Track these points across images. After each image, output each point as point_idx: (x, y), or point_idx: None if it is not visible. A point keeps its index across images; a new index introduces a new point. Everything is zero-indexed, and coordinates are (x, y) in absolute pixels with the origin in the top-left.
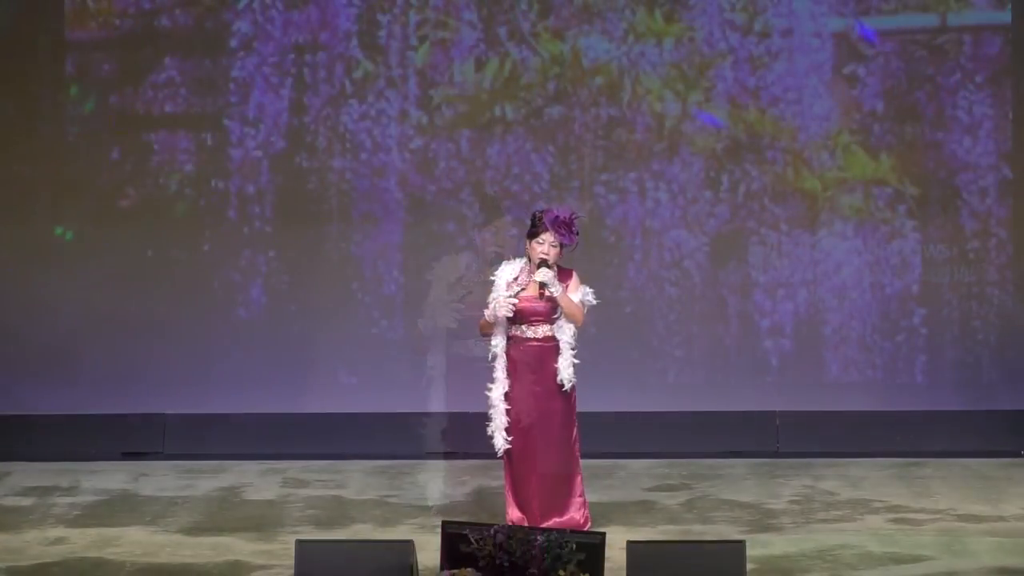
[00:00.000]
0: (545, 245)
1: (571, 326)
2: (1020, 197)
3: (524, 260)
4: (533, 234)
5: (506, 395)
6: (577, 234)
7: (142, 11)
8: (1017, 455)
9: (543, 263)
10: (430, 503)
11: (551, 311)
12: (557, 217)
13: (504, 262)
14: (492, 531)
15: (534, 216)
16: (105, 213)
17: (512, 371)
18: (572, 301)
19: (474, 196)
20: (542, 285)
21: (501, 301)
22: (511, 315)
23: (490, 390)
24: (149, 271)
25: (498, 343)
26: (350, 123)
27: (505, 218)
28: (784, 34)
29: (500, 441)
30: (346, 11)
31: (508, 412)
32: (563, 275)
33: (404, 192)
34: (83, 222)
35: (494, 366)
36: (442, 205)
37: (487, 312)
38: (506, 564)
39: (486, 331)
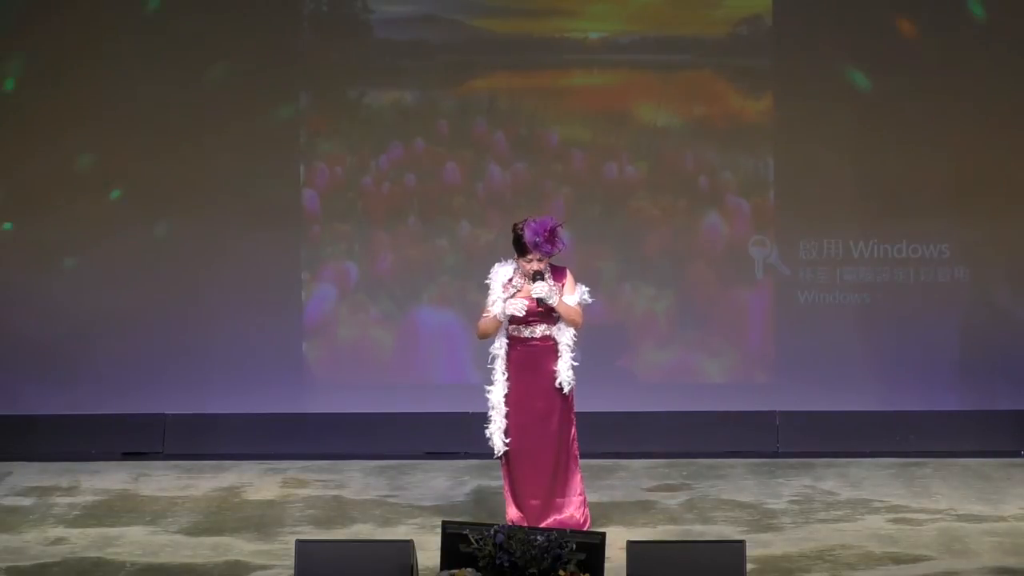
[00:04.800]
0: (533, 263)
1: (571, 328)
2: (1018, 197)
3: (516, 261)
4: (520, 252)
5: (505, 396)
6: (562, 240)
7: None
8: (1017, 455)
9: (537, 275)
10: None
11: (549, 310)
12: (536, 238)
13: (497, 264)
14: (492, 531)
15: (516, 235)
16: (106, 213)
17: (510, 371)
18: (569, 307)
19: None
20: (540, 302)
21: (513, 302)
22: (523, 314)
23: (489, 392)
24: (149, 271)
25: (499, 345)
26: None
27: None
28: None
29: (499, 443)
30: None
31: (507, 415)
32: (557, 274)
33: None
34: (83, 222)
35: (492, 367)
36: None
37: (496, 314)
38: (506, 564)
39: (488, 334)
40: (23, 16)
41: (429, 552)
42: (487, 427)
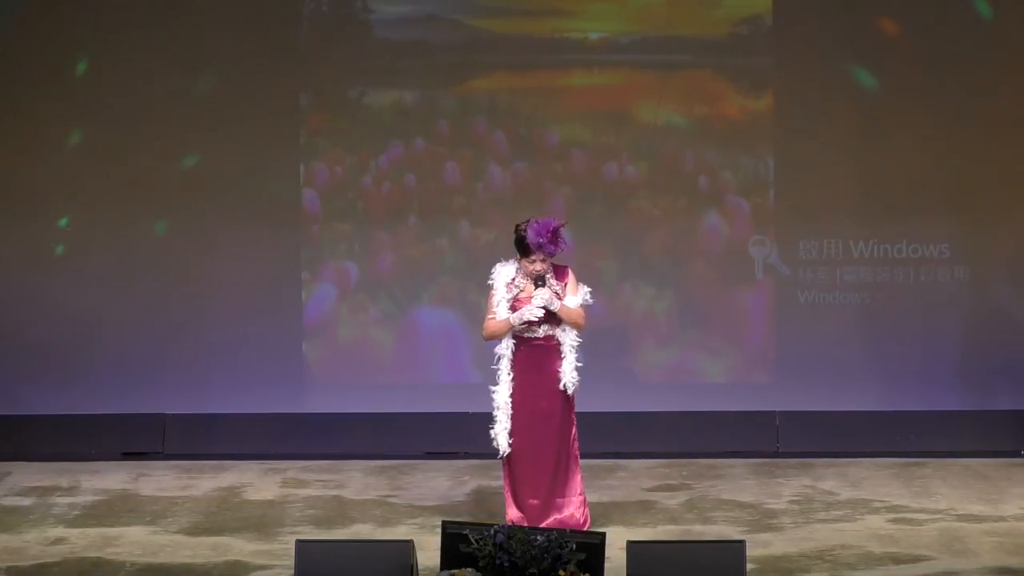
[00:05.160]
0: (536, 263)
1: (574, 330)
2: (1018, 197)
3: (518, 262)
4: (523, 252)
5: (510, 396)
6: (564, 240)
7: None
8: (1017, 455)
9: (539, 279)
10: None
11: (551, 312)
12: (540, 239)
13: (498, 264)
14: (492, 531)
15: (519, 235)
16: (106, 213)
17: (515, 371)
18: (571, 310)
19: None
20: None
21: (529, 308)
22: (537, 319)
23: (495, 392)
24: (149, 271)
25: (506, 345)
26: None
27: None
28: None
29: (504, 443)
30: None
31: (512, 415)
32: (559, 273)
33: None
34: (84, 223)
35: (498, 367)
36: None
37: (507, 318)
38: (506, 564)
39: (497, 336)
40: (24, 13)
41: (429, 552)
42: (492, 427)
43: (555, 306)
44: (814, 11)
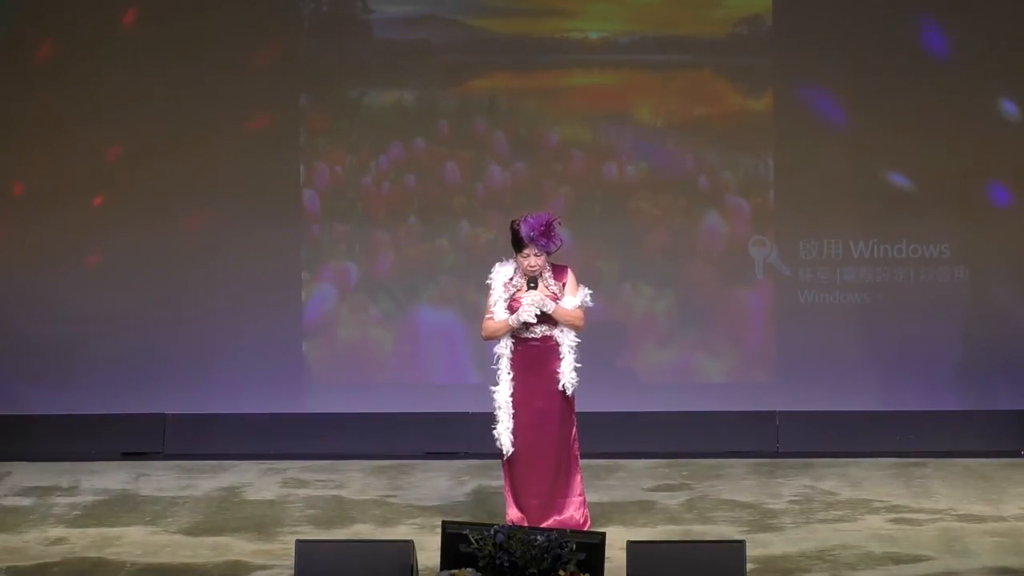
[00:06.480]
0: (530, 258)
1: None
2: (1018, 197)
3: (516, 261)
4: (517, 248)
5: (511, 396)
6: (558, 235)
7: None
8: (1017, 455)
9: (532, 280)
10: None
11: (546, 313)
12: (532, 233)
13: (498, 264)
14: (492, 531)
15: (513, 230)
16: (105, 213)
17: (514, 371)
18: (567, 311)
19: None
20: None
21: (526, 309)
22: (536, 321)
23: (495, 391)
24: (149, 271)
25: (504, 344)
26: None
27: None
28: None
29: (507, 443)
30: None
31: (513, 415)
32: (559, 273)
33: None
34: (83, 222)
35: (497, 367)
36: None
37: (507, 319)
38: (506, 564)
39: (495, 336)
40: (23, 13)
41: (429, 552)
42: (495, 427)
43: (548, 307)
44: (814, 11)
